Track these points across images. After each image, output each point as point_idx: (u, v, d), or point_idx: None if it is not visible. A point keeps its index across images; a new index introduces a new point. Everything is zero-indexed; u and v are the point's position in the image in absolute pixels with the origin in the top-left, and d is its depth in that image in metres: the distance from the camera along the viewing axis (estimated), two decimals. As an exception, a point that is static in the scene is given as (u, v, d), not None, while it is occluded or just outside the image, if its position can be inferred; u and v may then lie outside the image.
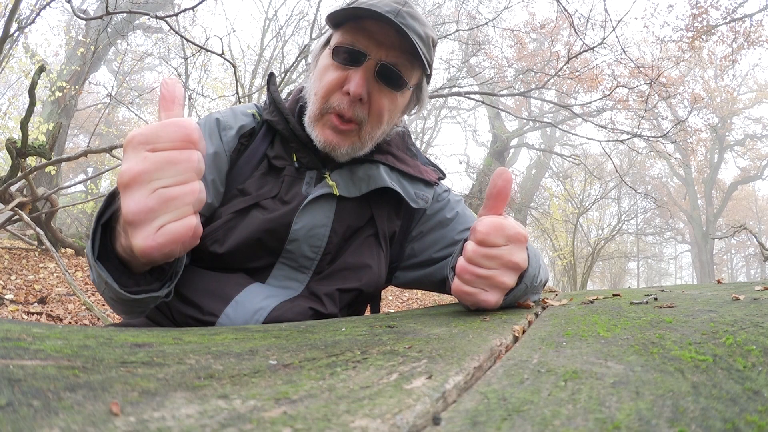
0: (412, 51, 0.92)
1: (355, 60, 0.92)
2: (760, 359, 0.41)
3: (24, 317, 3.57)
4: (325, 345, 0.49)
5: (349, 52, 0.92)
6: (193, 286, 0.95)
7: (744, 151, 22.47)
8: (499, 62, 12.66)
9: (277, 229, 0.96)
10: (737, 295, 0.82)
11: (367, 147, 0.99)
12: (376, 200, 1.04)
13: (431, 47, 0.98)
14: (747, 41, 12.52)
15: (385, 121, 0.98)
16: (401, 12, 0.90)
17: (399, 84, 0.95)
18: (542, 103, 15.46)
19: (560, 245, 14.57)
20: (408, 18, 0.91)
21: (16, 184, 4.61)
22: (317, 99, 0.95)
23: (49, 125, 8.59)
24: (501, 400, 0.32)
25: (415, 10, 0.94)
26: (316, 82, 0.96)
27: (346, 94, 0.91)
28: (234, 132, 1.01)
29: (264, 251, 0.97)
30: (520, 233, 0.79)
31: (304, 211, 0.96)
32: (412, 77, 0.98)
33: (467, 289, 0.79)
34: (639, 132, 9.08)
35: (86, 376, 0.30)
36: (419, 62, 0.94)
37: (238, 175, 1.00)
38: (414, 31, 0.91)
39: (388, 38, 0.91)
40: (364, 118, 0.94)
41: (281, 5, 16.96)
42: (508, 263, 0.77)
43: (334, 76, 0.93)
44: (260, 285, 0.97)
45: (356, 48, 0.91)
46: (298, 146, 1.00)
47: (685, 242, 26.63)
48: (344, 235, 1.01)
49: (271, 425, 0.25)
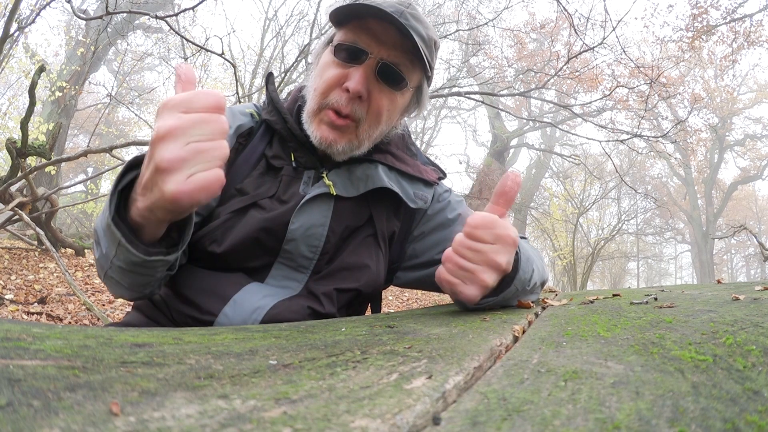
0: (414, 51, 0.92)
1: (356, 58, 0.92)
2: (760, 359, 0.41)
3: (24, 317, 3.57)
4: (325, 345, 0.49)
5: (350, 50, 0.92)
6: (192, 286, 0.95)
7: (744, 151, 22.47)
8: (499, 62, 12.66)
9: (275, 229, 0.96)
10: (737, 295, 0.82)
11: (364, 146, 0.99)
12: (374, 200, 1.04)
13: (433, 49, 0.98)
14: (747, 41, 12.52)
15: (384, 121, 0.98)
16: (405, 13, 0.90)
17: (399, 84, 0.95)
18: (542, 103, 15.47)
19: (560, 245, 14.57)
20: (411, 19, 0.91)
21: (16, 184, 4.61)
22: (316, 95, 0.95)
23: (49, 125, 8.59)
24: (501, 400, 0.32)
25: (418, 12, 0.95)
26: (316, 79, 0.96)
27: (345, 91, 0.91)
28: (232, 132, 1.00)
29: (262, 251, 0.97)
30: (510, 236, 0.79)
31: (301, 210, 0.96)
32: (413, 78, 0.98)
33: (448, 278, 0.81)
34: (639, 132, 9.08)
35: (86, 376, 0.30)
36: (421, 63, 0.94)
37: (236, 175, 0.99)
38: (417, 32, 0.91)
39: (391, 38, 0.91)
40: (362, 115, 0.94)
41: (281, 5, 16.97)
42: (490, 261, 0.78)
43: (334, 73, 0.93)
44: (258, 284, 0.97)
45: (358, 46, 0.91)
46: (296, 146, 1.00)
47: (685, 242, 26.64)
48: (342, 235, 1.01)
49: (271, 425, 0.25)
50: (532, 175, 17.75)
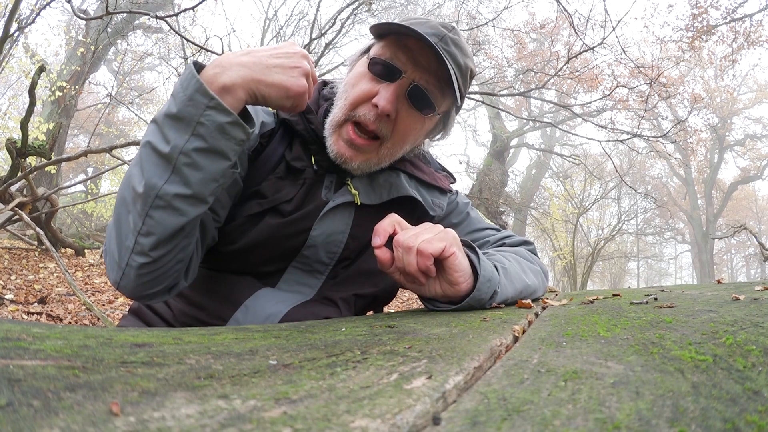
0: (446, 79, 0.90)
1: (390, 75, 0.90)
2: (760, 359, 0.41)
3: (24, 317, 3.57)
4: (325, 345, 0.49)
5: (385, 66, 0.90)
6: (200, 288, 0.94)
7: (744, 151, 22.46)
8: (499, 62, 12.65)
9: (294, 234, 0.94)
10: (737, 295, 0.82)
11: (383, 164, 0.97)
12: (393, 207, 1.02)
13: (468, 79, 0.97)
14: (747, 41, 12.51)
15: (409, 143, 0.97)
16: (446, 37, 0.89)
17: (428, 108, 0.93)
18: (542, 103, 15.46)
19: (560, 245, 14.57)
20: (451, 45, 0.90)
21: (16, 184, 4.61)
22: (344, 105, 0.93)
23: (49, 125, 8.59)
24: (501, 400, 0.32)
25: (460, 37, 0.93)
26: (347, 87, 0.95)
27: (374, 107, 0.90)
28: (256, 131, 0.96)
29: (278, 255, 0.95)
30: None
31: (324, 217, 0.95)
32: (442, 104, 0.97)
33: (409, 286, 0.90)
34: (639, 132, 9.07)
35: (86, 376, 0.30)
36: (452, 92, 0.92)
37: (255, 176, 0.97)
38: (454, 60, 0.89)
39: (427, 61, 0.90)
40: (388, 134, 0.92)
41: (281, 5, 16.94)
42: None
43: (366, 87, 0.91)
44: (270, 289, 0.95)
45: (393, 63, 0.90)
46: (318, 148, 0.97)
47: (685, 242, 26.63)
48: (361, 242, 1.00)
49: (271, 425, 0.25)
50: (532, 175, 17.74)
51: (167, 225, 0.76)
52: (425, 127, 0.98)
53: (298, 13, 11.43)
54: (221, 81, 0.74)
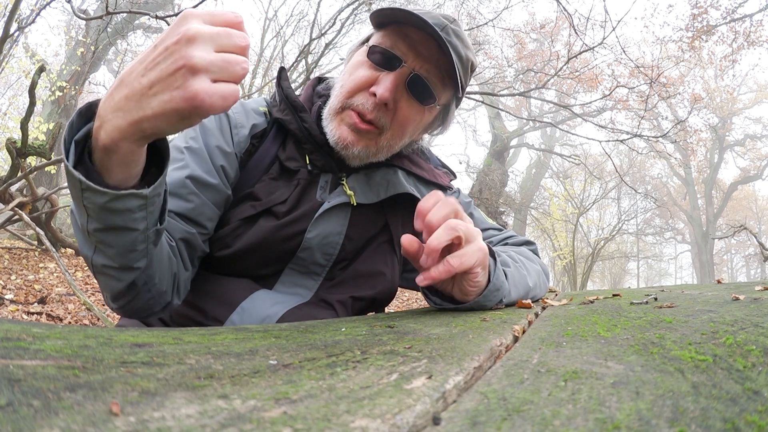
0: (448, 70, 0.88)
1: (389, 64, 0.88)
2: (760, 359, 0.41)
3: (24, 317, 3.57)
4: (325, 345, 0.49)
5: (385, 54, 0.88)
6: (197, 290, 0.94)
7: (744, 151, 22.47)
8: (499, 62, 12.64)
9: (289, 236, 0.92)
10: (737, 295, 0.82)
11: (381, 155, 0.94)
12: (390, 205, 1.01)
13: (468, 71, 0.94)
14: (747, 41, 12.52)
15: (408, 134, 0.94)
16: (447, 28, 0.87)
17: (428, 99, 0.91)
18: (542, 103, 15.47)
19: (560, 245, 14.58)
20: (453, 36, 0.87)
21: (16, 184, 4.61)
22: (341, 93, 0.91)
23: (49, 125, 8.59)
24: (501, 400, 0.32)
25: (461, 29, 0.90)
26: (344, 77, 0.92)
27: (372, 95, 0.87)
28: (246, 132, 0.95)
29: (274, 258, 0.94)
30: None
31: (319, 219, 0.93)
32: (443, 96, 0.94)
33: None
34: (639, 132, 9.07)
35: (86, 376, 0.30)
36: (453, 83, 0.90)
37: (248, 178, 0.95)
38: (455, 50, 0.87)
39: (428, 50, 0.88)
40: (386, 124, 0.90)
41: (281, 5, 16.94)
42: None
43: (364, 75, 0.89)
44: (267, 291, 0.94)
45: (393, 52, 0.88)
46: (313, 147, 0.95)
47: (685, 242, 26.63)
48: (358, 243, 0.98)
49: (271, 425, 0.25)
50: (532, 175, 17.74)
51: (113, 286, 0.76)
52: (425, 119, 0.95)
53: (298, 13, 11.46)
54: (101, 142, 0.61)
